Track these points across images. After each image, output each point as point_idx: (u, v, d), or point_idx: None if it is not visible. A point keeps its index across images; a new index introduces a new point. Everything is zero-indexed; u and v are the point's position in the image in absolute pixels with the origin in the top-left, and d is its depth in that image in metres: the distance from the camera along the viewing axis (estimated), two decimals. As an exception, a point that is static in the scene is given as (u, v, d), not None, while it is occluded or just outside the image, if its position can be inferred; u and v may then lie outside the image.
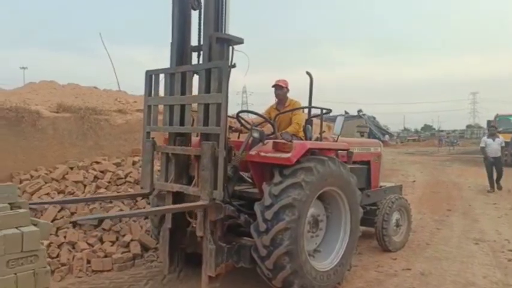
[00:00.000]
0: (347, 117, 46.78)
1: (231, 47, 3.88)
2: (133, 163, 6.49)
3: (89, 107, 7.01)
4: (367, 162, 5.77)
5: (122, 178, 5.98)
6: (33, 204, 3.95)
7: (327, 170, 3.87)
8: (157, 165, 4.75)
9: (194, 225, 3.89)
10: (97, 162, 6.43)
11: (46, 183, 5.72)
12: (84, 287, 4.30)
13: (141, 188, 4.28)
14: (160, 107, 4.26)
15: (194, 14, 4.17)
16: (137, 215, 5.32)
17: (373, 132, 40.55)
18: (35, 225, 2.53)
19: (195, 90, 3.92)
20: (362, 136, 6.32)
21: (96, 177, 6.03)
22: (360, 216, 4.42)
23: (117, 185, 5.96)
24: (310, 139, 4.92)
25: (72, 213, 5.38)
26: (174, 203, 3.95)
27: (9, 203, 2.48)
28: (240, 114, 4.68)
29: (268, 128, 5.03)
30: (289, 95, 5.11)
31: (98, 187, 5.84)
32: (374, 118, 44.76)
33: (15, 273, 2.21)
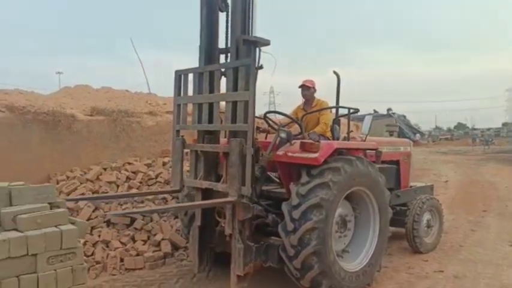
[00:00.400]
0: (376, 116, 46.18)
1: (258, 49, 3.92)
2: (164, 164, 6.64)
3: (121, 110, 7.22)
4: (397, 162, 5.69)
5: (152, 178, 6.13)
6: (69, 201, 4.09)
7: (354, 170, 3.85)
8: (186, 165, 4.85)
9: (223, 225, 3.96)
10: (129, 163, 6.61)
11: (81, 183, 5.94)
12: (118, 284, 4.43)
13: (171, 185, 4.38)
14: (189, 108, 4.35)
15: (221, 17, 4.24)
16: (166, 210, 5.45)
17: (404, 131, 39.74)
18: (72, 223, 2.66)
19: (223, 90, 3.99)
20: (391, 135, 6.23)
21: (128, 178, 6.21)
22: (390, 217, 4.37)
23: (148, 185, 6.12)
24: (338, 139, 4.90)
25: (106, 213, 5.56)
26: (203, 200, 4.03)
27: (49, 203, 2.61)
28: (268, 115, 4.71)
29: (295, 129, 5.05)
30: (316, 95, 5.11)
31: (130, 187, 6.01)
32: (404, 117, 43.88)
33: (55, 270, 2.33)
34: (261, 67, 3.95)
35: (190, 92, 4.26)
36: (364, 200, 4.19)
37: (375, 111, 41.24)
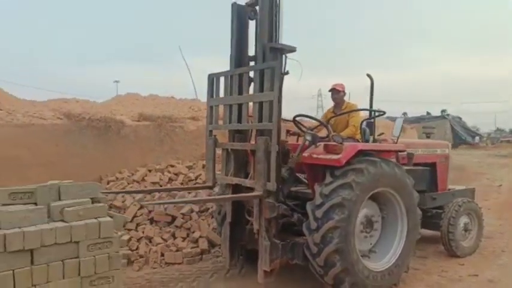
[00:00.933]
0: (429, 118, 44.24)
1: (284, 56, 4.11)
2: (203, 166, 6.98)
3: (165, 116, 7.69)
4: (433, 164, 5.64)
5: (192, 180, 6.49)
6: (108, 194, 4.51)
7: (379, 171, 3.93)
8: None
9: (253, 223, 4.18)
10: (172, 166, 7.04)
11: (128, 184, 6.42)
12: (157, 276, 4.78)
13: (205, 182, 4.67)
14: (221, 110, 4.61)
15: (251, 24, 4.45)
16: (197, 202, 5.75)
17: (459, 133, 37.82)
18: (111, 217, 3.00)
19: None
20: (428, 138, 6.14)
21: (170, 179, 6.62)
22: (419, 219, 4.37)
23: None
24: (368, 141, 4.98)
25: (150, 211, 5.99)
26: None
27: (91, 198, 2.97)
28: (298, 119, 4.87)
29: (325, 131, 5.19)
30: (346, 98, 5.21)
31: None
32: (460, 119, 41.77)
33: (94, 256, 2.67)
34: (287, 73, 4.14)
35: (221, 95, 4.52)
36: (391, 201, 4.23)
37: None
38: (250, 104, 4.19)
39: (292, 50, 4.13)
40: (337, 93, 5.09)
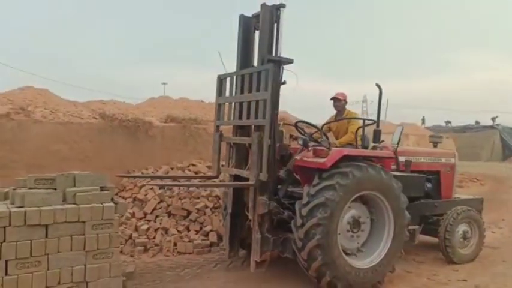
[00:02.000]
0: (477, 128, 42.22)
1: (281, 67, 4.51)
2: (222, 165, 7.48)
3: (191, 118, 8.29)
4: (437, 172, 5.81)
5: (210, 178, 6.99)
6: (120, 177, 5.06)
7: (364, 175, 4.23)
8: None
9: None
10: (193, 165, 7.60)
11: (152, 179, 7.03)
12: (168, 263, 5.31)
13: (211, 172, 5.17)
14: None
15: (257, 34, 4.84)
16: (197, 186, 6.43)
17: (509, 145, 36.06)
18: (115, 203, 3.56)
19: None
20: (435, 147, 6.27)
21: (190, 177, 7.17)
22: (407, 222, 4.61)
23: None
24: (367, 147, 5.27)
25: (169, 205, 6.56)
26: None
27: (101, 187, 3.53)
28: (299, 124, 5.24)
29: (329, 137, 5.53)
30: (347, 106, 5.52)
31: (190, 185, 6.95)
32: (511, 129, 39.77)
33: (97, 234, 3.21)
34: (284, 82, 4.53)
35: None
36: (379, 204, 4.51)
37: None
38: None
39: (289, 62, 4.52)
40: (338, 101, 5.42)
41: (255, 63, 4.75)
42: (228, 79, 4.93)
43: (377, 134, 5.67)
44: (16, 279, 2.90)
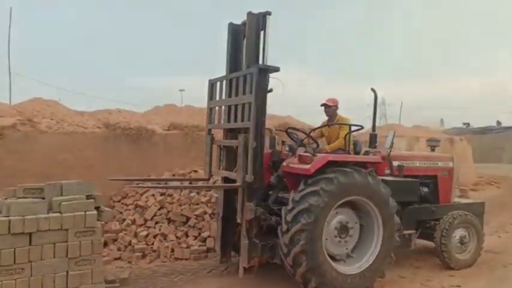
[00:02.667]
0: (497, 128, 41.11)
1: (268, 75, 4.57)
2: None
3: (193, 125, 8.41)
4: (434, 177, 5.75)
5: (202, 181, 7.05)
6: (114, 180, 5.31)
7: (350, 181, 4.24)
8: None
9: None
10: (195, 171, 7.70)
11: (144, 182, 7.16)
12: (164, 269, 5.41)
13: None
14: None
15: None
16: (180, 188, 6.61)
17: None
18: (102, 211, 3.68)
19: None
20: (432, 150, 6.20)
21: (190, 183, 7.28)
22: (397, 227, 4.59)
23: (206, 191, 7.09)
24: (359, 153, 5.28)
25: (169, 212, 6.67)
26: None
27: (87, 195, 3.66)
28: (290, 130, 5.28)
29: (321, 142, 5.56)
30: (339, 112, 5.53)
31: (191, 191, 7.05)
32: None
33: (79, 241, 3.33)
34: (270, 90, 4.59)
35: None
36: (367, 209, 4.51)
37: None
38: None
39: (275, 70, 4.58)
40: (328, 107, 5.43)
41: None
42: (218, 83, 5.03)
43: (373, 139, 5.68)
44: (0, 286, 3.04)
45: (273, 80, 4.61)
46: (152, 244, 6.06)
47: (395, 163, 5.32)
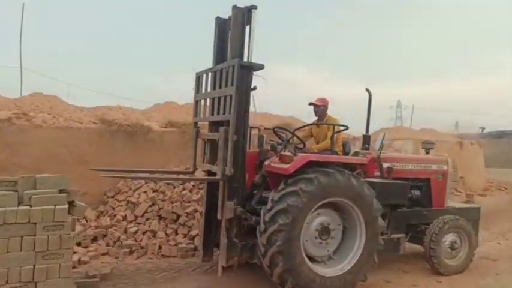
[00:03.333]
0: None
1: (251, 72, 4.50)
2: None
3: (190, 123, 8.37)
4: (427, 180, 5.62)
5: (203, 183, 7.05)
6: (94, 170, 5.16)
7: (331, 182, 4.15)
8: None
9: None
10: (189, 168, 7.67)
11: (146, 183, 7.17)
12: (149, 265, 5.38)
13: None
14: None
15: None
16: (160, 179, 6.63)
17: None
18: (75, 206, 3.67)
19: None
20: (427, 153, 6.05)
21: (184, 181, 7.25)
22: (380, 230, 4.48)
23: (199, 189, 7.05)
24: (348, 153, 5.18)
25: (160, 208, 6.66)
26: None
27: (60, 190, 3.64)
28: (276, 129, 5.20)
29: (310, 142, 5.48)
30: (329, 111, 5.43)
31: (183, 189, 7.03)
32: None
33: (48, 235, 3.32)
34: (254, 88, 4.53)
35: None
36: (350, 211, 4.41)
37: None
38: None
39: (260, 67, 4.51)
40: (317, 107, 5.34)
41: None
42: (204, 76, 4.99)
43: (366, 140, 5.58)
44: (-36, 278, 3.05)
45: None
46: (141, 241, 6.05)
47: (385, 165, 5.19)
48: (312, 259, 4.34)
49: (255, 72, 4.49)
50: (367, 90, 5.78)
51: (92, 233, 6.17)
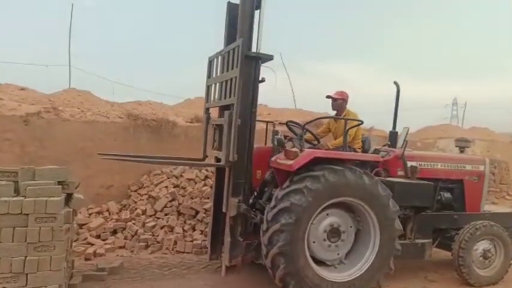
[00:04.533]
0: None
1: (259, 63, 4.26)
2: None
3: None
4: (459, 181, 5.13)
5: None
6: (101, 155, 5.08)
7: (340, 180, 3.84)
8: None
9: None
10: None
11: (168, 178, 7.15)
12: (161, 261, 5.33)
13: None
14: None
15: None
16: (164, 163, 6.48)
17: None
18: (72, 198, 3.64)
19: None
20: (462, 152, 5.50)
21: (206, 177, 7.16)
22: (397, 234, 4.11)
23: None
24: (367, 151, 4.83)
25: (180, 204, 6.61)
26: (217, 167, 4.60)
27: (59, 181, 3.62)
28: (290, 123, 4.93)
29: (328, 138, 5.17)
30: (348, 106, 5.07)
31: (205, 185, 6.93)
32: None
33: (39, 227, 3.29)
34: (262, 80, 4.30)
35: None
36: (363, 212, 4.07)
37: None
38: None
39: (269, 58, 4.27)
40: (334, 100, 5.00)
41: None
42: (215, 60, 4.84)
43: (392, 137, 5.21)
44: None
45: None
46: (157, 236, 6.01)
47: (410, 164, 4.78)
48: (321, 263, 4.06)
49: (263, 64, 4.26)
50: (395, 83, 5.39)
51: (112, 225, 6.22)
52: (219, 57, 4.68)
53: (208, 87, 4.97)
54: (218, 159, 4.51)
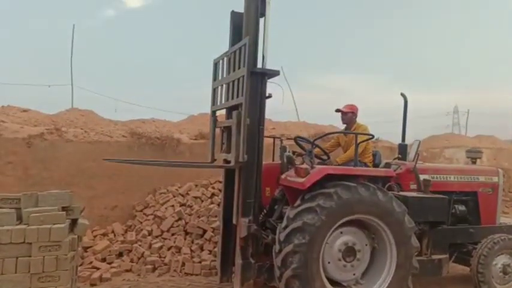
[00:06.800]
0: None
1: (265, 79, 4.17)
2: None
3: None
4: (473, 193, 4.98)
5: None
6: (107, 160, 5.01)
7: (354, 197, 3.71)
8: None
9: None
10: (220, 182, 7.43)
11: (174, 196, 7.02)
12: (169, 284, 5.18)
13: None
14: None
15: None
16: (170, 165, 6.39)
17: None
18: (76, 224, 3.51)
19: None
20: (473, 163, 5.36)
21: (213, 194, 7.02)
22: (414, 251, 3.95)
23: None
24: (378, 165, 4.70)
25: (186, 223, 6.46)
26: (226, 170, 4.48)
27: (63, 207, 3.50)
28: (298, 139, 4.82)
29: (337, 152, 5.04)
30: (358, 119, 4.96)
31: (211, 203, 6.79)
32: None
33: (43, 256, 3.16)
34: (269, 96, 4.20)
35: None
36: (378, 230, 3.92)
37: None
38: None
39: (275, 74, 4.18)
40: (344, 114, 4.90)
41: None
42: (221, 62, 4.76)
43: (402, 150, 5.09)
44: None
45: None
46: (165, 257, 5.86)
47: (423, 177, 4.65)
48: (337, 284, 3.89)
49: (269, 80, 4.17)
50: (402, 94, 5.29)
51: (118, 248, 6.07)
52: (225, 59, 4.60)
53: (214, 90, 4.88)
54: (227, 162, 4.39)
